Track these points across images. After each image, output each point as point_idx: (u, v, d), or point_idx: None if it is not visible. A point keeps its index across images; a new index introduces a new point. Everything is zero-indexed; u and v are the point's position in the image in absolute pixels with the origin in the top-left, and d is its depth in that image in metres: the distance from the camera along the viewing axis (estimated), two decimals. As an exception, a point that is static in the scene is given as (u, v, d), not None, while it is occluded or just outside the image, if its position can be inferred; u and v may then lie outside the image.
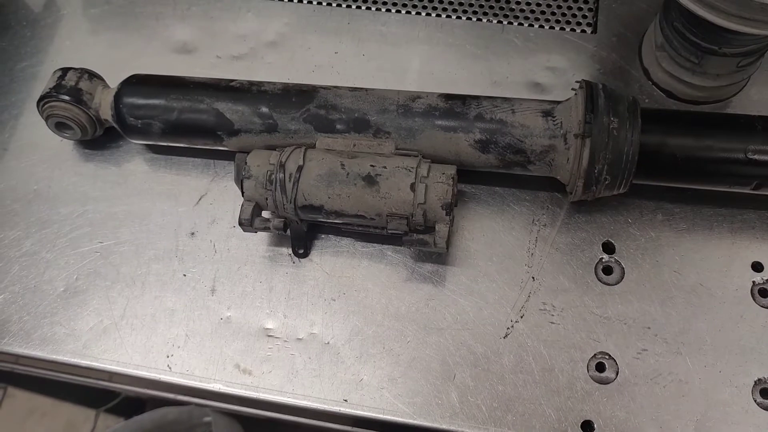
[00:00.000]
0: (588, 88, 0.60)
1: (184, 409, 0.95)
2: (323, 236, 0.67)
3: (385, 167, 0.60)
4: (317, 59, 0.75)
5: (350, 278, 0.65)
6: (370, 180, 0.59)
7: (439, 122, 0.62)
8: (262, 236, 0.67)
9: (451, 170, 0.60)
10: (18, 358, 0.67)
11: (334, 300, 0.64)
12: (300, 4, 0.79)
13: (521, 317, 0.63)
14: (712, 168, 0.60)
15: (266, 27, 0.78)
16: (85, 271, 0.67)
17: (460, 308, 0.63)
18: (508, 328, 0.62)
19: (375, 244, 0.66)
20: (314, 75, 0.74)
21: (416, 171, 0.59)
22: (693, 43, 0.64)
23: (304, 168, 0.60)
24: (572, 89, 0.63)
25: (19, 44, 0.79)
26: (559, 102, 0.62)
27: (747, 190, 0.61)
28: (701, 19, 0.58)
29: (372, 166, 0.60)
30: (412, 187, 0.59)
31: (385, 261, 0.66)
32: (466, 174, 0.66)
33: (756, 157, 0.59)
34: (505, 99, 0.63)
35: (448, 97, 0.63)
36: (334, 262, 0.66)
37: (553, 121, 0.61)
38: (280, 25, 0.78)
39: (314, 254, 0.66)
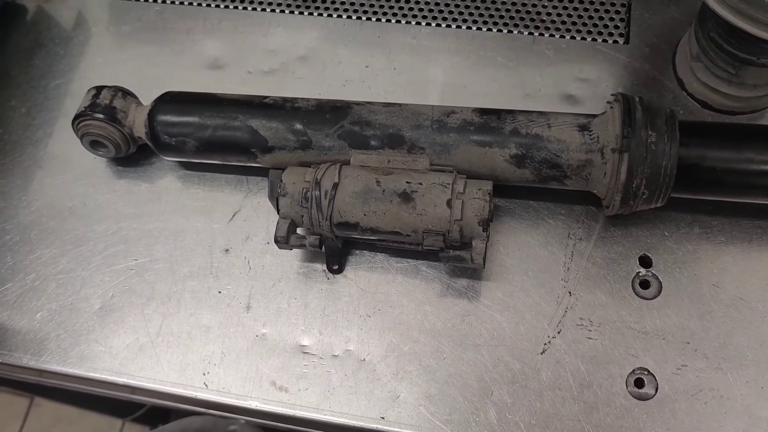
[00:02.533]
0: (624, 101, 0.60)
1: (208, 418, 0.95)
2: (357, 252, 0.67)
3: (420, 183, 0.60)
4: (348, 73, 0.75)
5: (385, 294, 0.65)
6: (405, 197, 0.59)
7: (474, 137, 0.62)
8: (297, 252, 0.67)
9: (488, 186, 0.60)
10: (41, 372, 0.67)
11: (370, 316, 0.64)
12: (330, 18, 0.79)
13: (558, 333, 0.62)
14: (753, 181, 0.60)
15: (296, 41, 0.78)
16: (120, 289, 0.67)
17: (496, 324, 0.63)
18: (545, 344, 0.62)
19: (409, 260, 0.66)
20: (345, 89, 0.74)
21: (452, 187, 0.59)
22: (730, 53, 0.63)
23: (339, 185, 0.60)
24: (607, 102, 0.62)
25: (52, 62, 0.80)
26: (595, 115, 0.62)
27: (789, 203, 0.60)
28: (739, 30, 0.57)
29: (408, 182, 0.60)
30: (449, 203, 0.59)
31: (420, 276, 0.65)
32: (500, 188, 0.65)
33: (798, 169, 0.58)
34: (540, 113, 0.62)
35: (483, 111, 0.63)
36: (369, 278, 0.66)
37: (590, 135, 0.60)
38: (310, 40, 0.78)
39: (348, 270, 0.66)
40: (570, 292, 0.64)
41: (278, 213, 0.62)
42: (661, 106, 0.61)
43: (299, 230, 0.64)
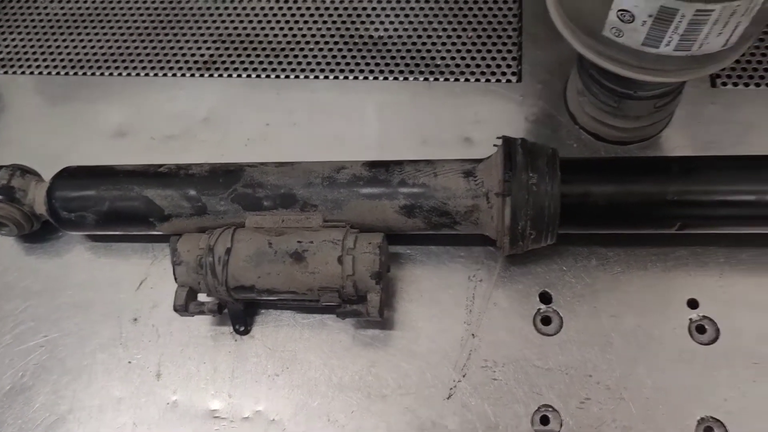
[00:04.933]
0: (506, 145, 0.61)
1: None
2: (264, 311, 0.67)
3: (311, 242, 0.60)
4: (249, 132, 0.76)
5: (292, 351, 0.65)
6: (297, 256, 0.60)
7: (364, 191, 0.63)
8: (204, 316, 0.67)
9: (378, 239, 0.61)
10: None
11: (278, 375, 0.65)
12: (230, 78, 0.80)
13: (463, 376, 0.63)
14: (635, 213, 0.61)
15: (198, 104, 0.79)
16: (30, 368, 0.67)
17: (402, 372, 0.64)
18: (451, 389, 0.62)
19: (315, 315, 0.67)
20: (247, 149, 0.75)
21: (343, 243, 0.60)
22: (609, 89, 0.65)
23: (232, 250, 0.61)
24: (494, 145, 0.63)
25: (-44, 142, 0.80)
26: (480, 160, 0.63)
27: (672, 231, 0.62)
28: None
29: (299, 242, 0.60)
30: (340, 260, 0.59)
31: (326, 330, 0.66)
32: (400, 236, 0.66)
33: (676, 198, 0.60)
34: (427, 162, 0.63)
35: (372, 164, 0.64)
36: (276, 336, 0.66)
37: (475, 181, 0.61)
38: (211, 101, 0.79)
39: (256, 330, 0.67)
40: (473, 335, 0.64)
41: (176, 282, 0.62)
42: (544, 146, 0.62)
43: (201, 296, 0.65)
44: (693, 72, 0.56)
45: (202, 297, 0.65)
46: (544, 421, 0.61)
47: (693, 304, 0.64)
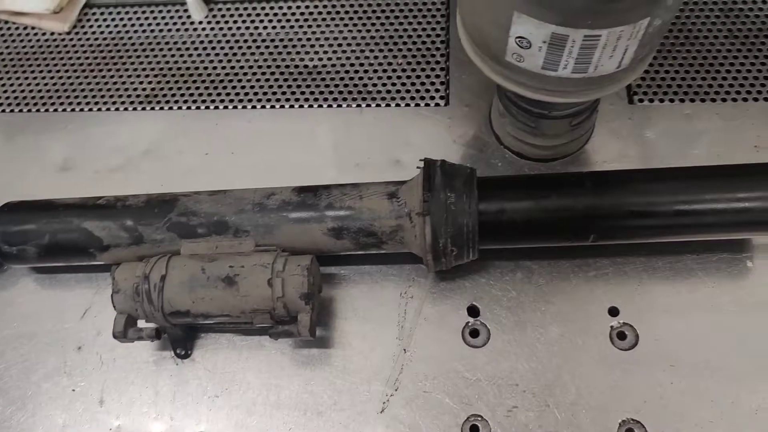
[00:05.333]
0: (426, 167, 0.64)
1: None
2: (203, 335, 0.70)
3: (243, 266, 0.63)
4: (189, 163, 0.79)
5: (231, 373, 0.68)
6: (229, 281, 0.62)
7: (293, 216, 0.65)
8: (146, 342, 0.69)
9: (306, 261, 0.63)
10: None
11: (218, 396, 0.67)
12: (170, 111, 0.83)
13: (396, 390, 0.65)
14: (550, 227, 0.64)
15: (140, 137, 0.81)
16: (-25, 400, 0.69)
17: (337, 389, 0.66)
18: (383, 403, 0.65)
19: (254, 337, 0.69)
20: (186, 179, 0.77)
21: (272, 266, 0.63)
22: (525, 109, 0.68)
23: (167, 276, 0.63)
24: (417, 167, 0.66)
25: None
26: (404, 182, 0.66)
27: (588, 243, 0.65)
28: (517, 91, 0.62)
29: (230, 267, 0.63)
30: (270, 282, 0.62)
31: (264, 351, 0.68)
32: (335, 257, 0.69)
33: (589, 212, 0.63)
34: (354, 185, 0.66)
35: (301, 189, 0.67)
36: (216, 358, 0.68)
37: (398, 202, 0.64)
38: (152, 134, 0.81)
39: (196, 353, 0.69)
40: (405, 350, 0.67)
41: (115, 309, 0.65)
42: (463, 167, 0.65)
43: (140, 322, 0.67)
44: (593, 92, 0.59)
45: (141, 323, 0.67)
46: (474, 430, 0.63)
47: (614, 311, 0.67)
